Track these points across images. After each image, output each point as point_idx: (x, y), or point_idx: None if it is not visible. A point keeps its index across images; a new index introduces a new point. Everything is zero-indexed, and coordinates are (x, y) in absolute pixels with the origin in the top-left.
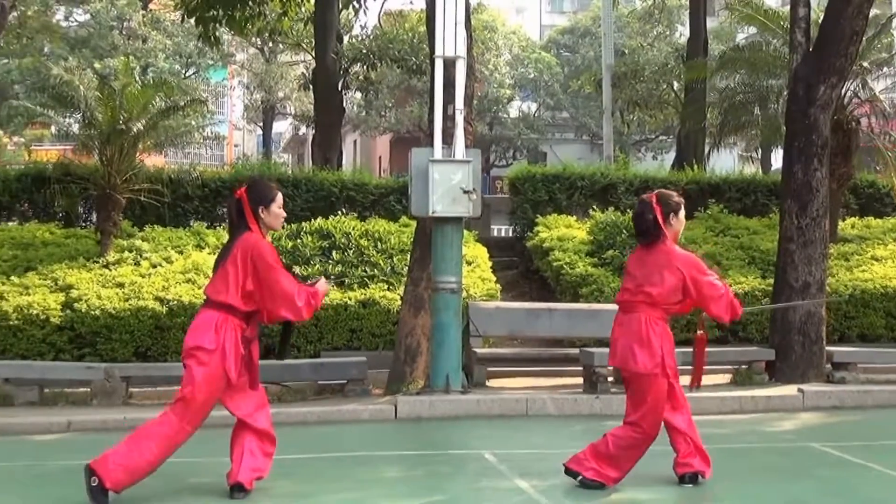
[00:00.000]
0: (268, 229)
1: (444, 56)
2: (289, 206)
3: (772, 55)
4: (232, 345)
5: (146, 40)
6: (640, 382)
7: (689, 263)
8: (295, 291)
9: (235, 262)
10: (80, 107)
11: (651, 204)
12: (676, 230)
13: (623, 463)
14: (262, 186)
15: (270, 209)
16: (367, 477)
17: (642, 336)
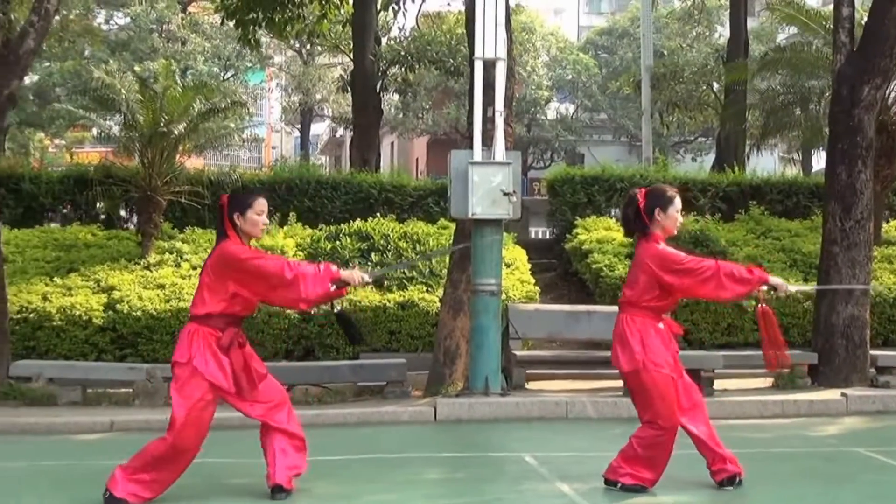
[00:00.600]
0: (247, 237)
1: (485, 58)
2: (328, 207)
3: (813, 55)
4: (205, 354)
5: (185, 43)
6: (631, 381)
7: (656, 256)
8: (281, 266)
9: (209, 271)
10: (122, 109)
11: (634, 198)
12: (665, 225)
13: (655, 462)
14: (241, 194)
15: (246, 216)
16: (407, 479)
17: (622, 335)
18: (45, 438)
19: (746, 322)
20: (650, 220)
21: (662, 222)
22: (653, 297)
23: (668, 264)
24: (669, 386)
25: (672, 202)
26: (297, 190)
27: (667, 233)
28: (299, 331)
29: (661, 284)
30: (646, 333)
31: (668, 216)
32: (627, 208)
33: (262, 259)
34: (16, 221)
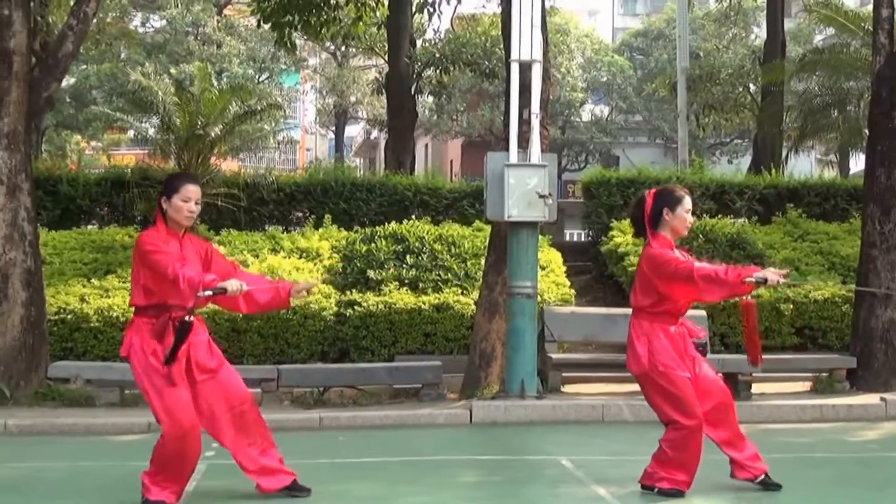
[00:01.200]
0: (175, 224)
1: (521, 60)
2: (363, 209)
3: (852, 57)
4: (141, 342)
5: (221, 45)
6: (644, 385)
7: (650, 259)
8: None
9: (133, 262)
10: (158, 112)
11: (643, 199)
12: (674, 226)
13: (687, 464)
14: (173, 177)
15: (172, 201)
16: (443, 481)
17: (629, 340)
18: (83, 439)
19: (784, 325)
20: (658, 221)
21: (671, 222)
22: (653, 301)
23: (658, 268)
24: (684, 384)
25: (680, 202)
26: (332, 192)
27: (676, 234)
28: (335, 333)
29: (652, 287)
30: (653, 336)
31: (676, 216)
32: (636, 209)
33: (159, 254)
34: (53, 223)
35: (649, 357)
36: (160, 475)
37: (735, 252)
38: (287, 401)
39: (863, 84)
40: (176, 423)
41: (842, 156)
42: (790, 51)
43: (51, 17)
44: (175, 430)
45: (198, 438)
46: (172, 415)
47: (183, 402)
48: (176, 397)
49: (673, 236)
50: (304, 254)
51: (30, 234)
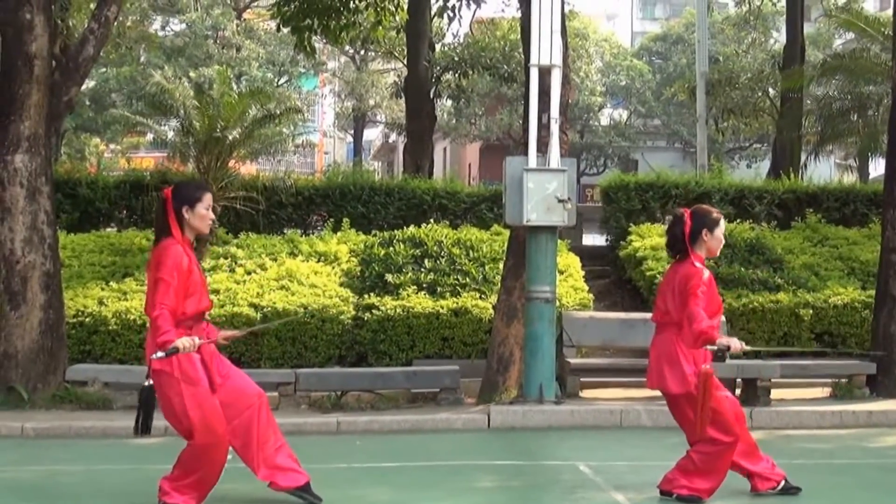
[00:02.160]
0: (194, 233)
1: (540, 64)
2: (381, 213)
3: (871, 61)
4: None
5: (240, 49)
6: (680, 403)
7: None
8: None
9: (149, 272)
10: (178, 115)
11: (682, 218)
12: (710, 246)
13: (714, 475)
14: (189, 186)
15: (196, 209)
16: (461, 486)
17: (671, 356)
18: (100, 442)
19: (803, 331)
20: (696, 240)
21: (708, 243)
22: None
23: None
24: (725, 402)
25: (718, 224)
26: (350, 196)
27: (710, 254)
28: (352, 336)
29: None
30: (698, 358)
31: (714, 237)
32: (675, 227)
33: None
34: (72, 226)
35: (694, 377)
36: (184, 480)
37: (754, 257)
38: (304, 405)
39: (882, 89)
40: (211, 432)
41: (861, 161)
42: (810, 55)
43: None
44: (209, 439)
45: (227, 446)
46: (208, 423)
47: (217, 410)
48: (211, 406)
49: (706, 255)
50: (323, 257)
51: (49, 236)
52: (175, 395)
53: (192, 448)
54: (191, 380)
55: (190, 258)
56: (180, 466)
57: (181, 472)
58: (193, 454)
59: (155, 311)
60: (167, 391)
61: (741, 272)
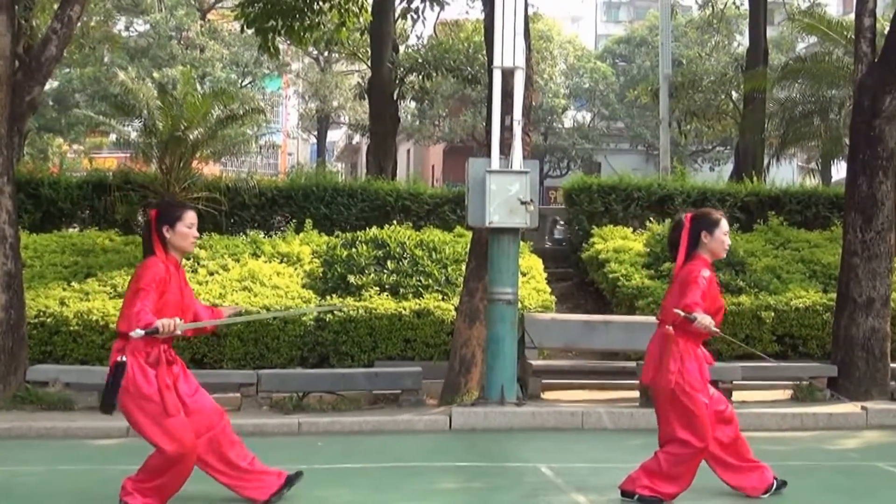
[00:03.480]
0: (179, 252)
1: (503, 67)
2: (344, 214)
3: (834, 65)
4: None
5: (204, 50)
6: (662, 398)
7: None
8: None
9: (128, 290)
10: (141, 115)
11: (681, 222)
12: (712, 248)
13: (681, 479)
14: (170, 205)
15: (176, 229)
16: (422, 488)
17: (657, 352)
18: (61, 443)
19: (765, 333)
20: (696, 244)
21: (709, 245)
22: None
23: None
24: (704, 408)
25: (718, 224)
26: (313, 197)
27: (714, 255)
28: (314, 338)
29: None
30: (686, 356)
31: (714, 238)
32: (674, 232)
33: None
34: (34, 226)
35: (678, 376)
36: (147, 484)
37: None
38: (266, 406)
39: (844, 92)
40: (177, 442)
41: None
42: (773, 59)
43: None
44: (178, 448)
45: (194, 458)
46: (172, 435)
47: (182, 424)
48: (178, 421)
49: (711, 258)
50: (285, 258)
51: (10, 236)
52: (130, 409)
53: (160, 454)
54: (143, 396)
55: (172, 276)
56: (146, 471)
57: (146, 476)
58: (160, 461)
59: (135, 309)
60: (125, 404)
61: None
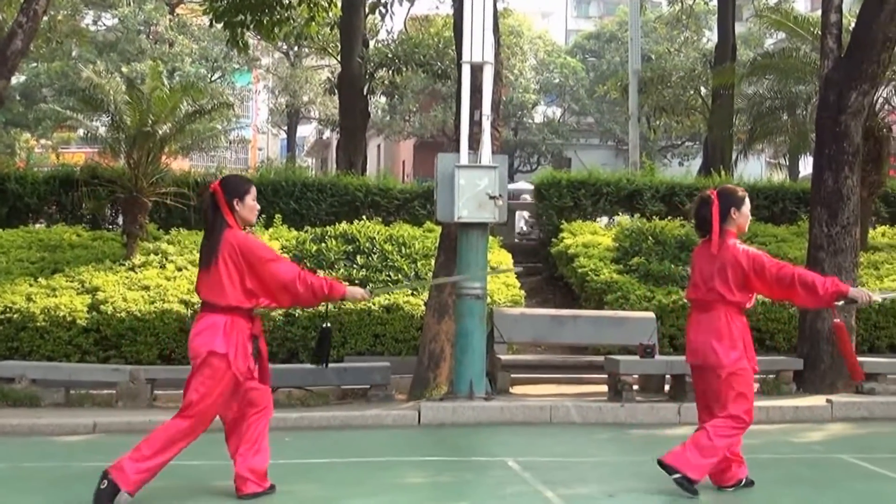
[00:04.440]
0: (244, 223)
1: (472, 62)
2: (314, 210)
3: (801, 61)
4: (241, 347)
5: (173, 44)
6: (717, 378)
7: (745, 257)
8: (294, 277)
9: (227, 262)
10: (109, 110)
11: (709, 199)
12: (740, 224)
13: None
14: (235, 180)
15: (245, 201)
16: (390, 482)
17: (722, 332)
18: (27, 440)
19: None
20: (726, 219)
21: (737, 220)
22: (745, 297)
23: (754, 265)
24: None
25: (744, 201)
26: (282, 192)
27: (740, 230)
28: (283, 333)
29: (747, 284)
30: (747, 336)
31: (742, 214)
32: (702, 209)
33: (278, 263)
34: (0, 222)
35: (743, 354)
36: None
37: (684, 254)
38: None
39: (812, 88)
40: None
41: (791, 159)
42: (741, 55)
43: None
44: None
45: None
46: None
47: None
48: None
49: (737, 232)
50: None
51: None
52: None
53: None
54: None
55: None
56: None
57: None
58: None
59: (300, 284)
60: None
61: (671, 269)
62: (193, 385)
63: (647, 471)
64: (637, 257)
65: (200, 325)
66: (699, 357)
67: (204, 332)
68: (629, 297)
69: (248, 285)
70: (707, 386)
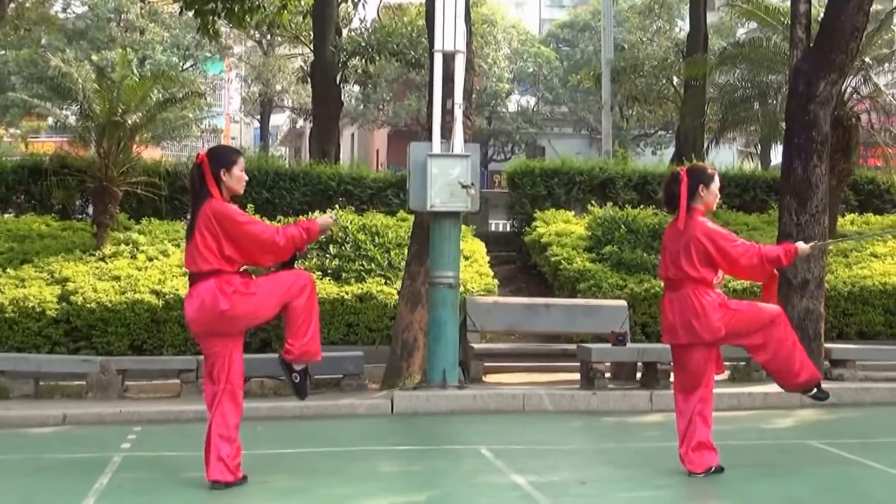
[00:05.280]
0: (230, 193)
1: (444, 50)
2: (286, 199)
3: (772, 51)
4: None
5: (144, 32)
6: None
7: (709, 233)
8: (273, 233)
9: (202, 231)
10: (78, 98)
11: (678, 175)
12: (707, 201)
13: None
14: (223, 149)
15: (232, 172)
16: (363, 472)
17: (695, 309)
18: None
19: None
20: (693, 196)
21: (705, 198)
22: (712, 272)
23: (719, 242)
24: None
25: (713, 179)
26: (255, 181)
27: (707, 207)
28: None
29: (711, 261)
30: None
31: (710, 192)
32: (672, 185)
33: (255, 225)
34: None
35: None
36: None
37: (657, 242)
38: None
39: (783, 77)
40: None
41: (763, 148)
42: (713, 44)
43: None
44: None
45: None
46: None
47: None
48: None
49: (704, 210)
50: None
51: None
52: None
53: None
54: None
55: None
56: (293, 326)
57: (300, 328)
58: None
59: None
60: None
61: (644, 257)
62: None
63: (618, 458)
64: (609, 246)
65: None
66: (678, 337)
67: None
68: (602, 286)
69: (227, 252)
70: (687, 362)
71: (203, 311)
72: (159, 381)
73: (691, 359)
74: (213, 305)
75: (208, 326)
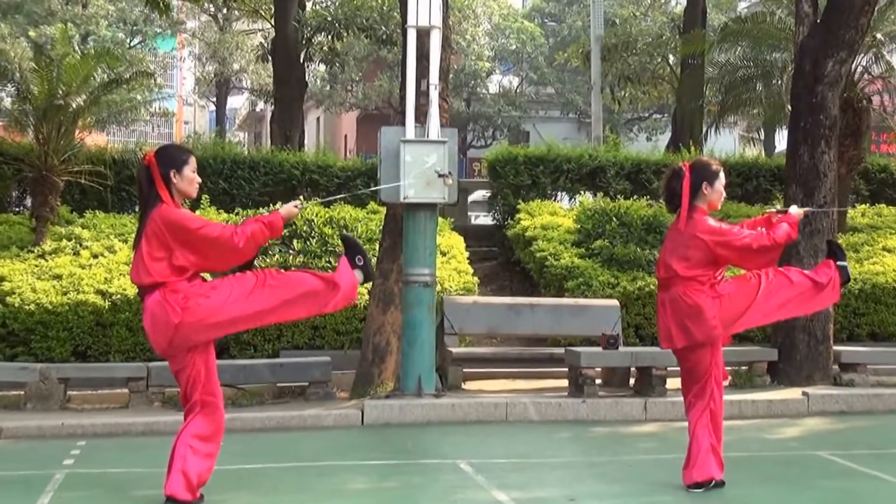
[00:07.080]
0: (182, 197)
1: (418, 26)
2: (245, 189)
3: (776, 27)
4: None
5: (87, 6)
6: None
7: (710, 232)
8: (231, 234)
9: (150, 240)
10: (14, 79)
11: (680, 172)
12: (711, 200)
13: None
14: (172, 149)
15: (183, 173)
16: (331, 488)
17: (691, 310)
18: None
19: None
20: (696, 194)
21: (709, 196)
22: (708, 271)
23: (725, 237)
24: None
25: (718, 176)
26: (210, 170)
27: (711, 207)
28: None
29: (715, 258)
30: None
31: (714, 190)
32: (672, 182)
33: (209, 227)
34: None
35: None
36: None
37: (651, 237)
38: (158, 402)
39: (787, 55)
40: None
41: (766, 133)
42: (712, 19)
43: None
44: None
45: None
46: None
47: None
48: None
49: (708, 209)
50: None
51: None
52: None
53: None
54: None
55: None
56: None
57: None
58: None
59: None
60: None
61: (637, 253)
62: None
63: (610, 472)
64: (600, 240)
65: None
66: (674, 342)
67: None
68: (591, 284)
69: (178, 262)
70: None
71: (156, 328)
72: (105, 390)
73: (690, 359)
74: (165, 319)
75: (168, 342)
